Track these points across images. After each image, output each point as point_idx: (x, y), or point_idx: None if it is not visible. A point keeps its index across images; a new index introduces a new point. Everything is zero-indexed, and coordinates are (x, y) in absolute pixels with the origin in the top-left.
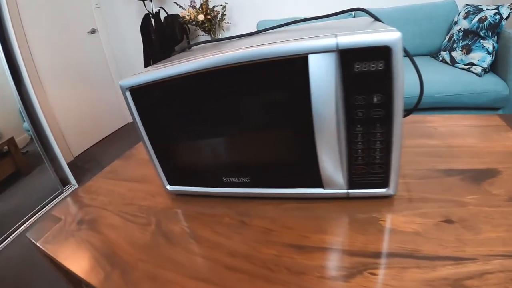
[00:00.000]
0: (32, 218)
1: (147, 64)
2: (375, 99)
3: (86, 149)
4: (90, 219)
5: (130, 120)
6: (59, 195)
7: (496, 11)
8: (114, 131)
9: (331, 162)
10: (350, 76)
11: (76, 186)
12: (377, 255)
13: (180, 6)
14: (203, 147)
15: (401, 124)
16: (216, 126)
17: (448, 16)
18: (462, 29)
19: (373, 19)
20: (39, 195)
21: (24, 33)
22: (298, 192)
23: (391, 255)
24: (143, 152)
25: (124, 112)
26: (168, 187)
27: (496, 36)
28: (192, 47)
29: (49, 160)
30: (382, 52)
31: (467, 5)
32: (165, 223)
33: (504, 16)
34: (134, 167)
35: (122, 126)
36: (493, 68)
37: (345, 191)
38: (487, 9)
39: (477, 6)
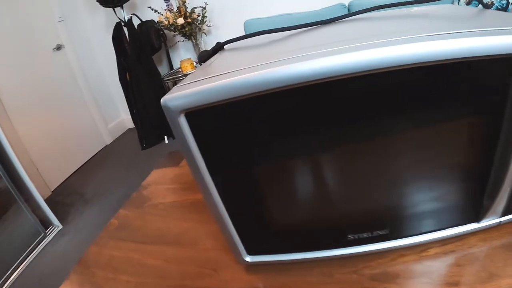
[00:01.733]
0: (16, 272)
1: (122, 78)
2: None
3: (64, 181)
4: None
5: (108, 142)
6: (43, 240)
7: None
8: (92, 157)
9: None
10: None
11: (60, 227)
12: None
13: (156, 11)
14: (318, 194)
15: None
16: (346, 162)
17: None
18: None
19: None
20: (18, 242)
21: None
22: (447, 234)
23: None
24: (162, 191)
25: (101, 134)
26: (248, 258)
27: None
28: (226, 46)
29: (24, 200)
30: None
31: None
32: None
33: None
34: (157, 219)
35: (100, 150)
36: None
37: (497, 220)
38: None
39: None
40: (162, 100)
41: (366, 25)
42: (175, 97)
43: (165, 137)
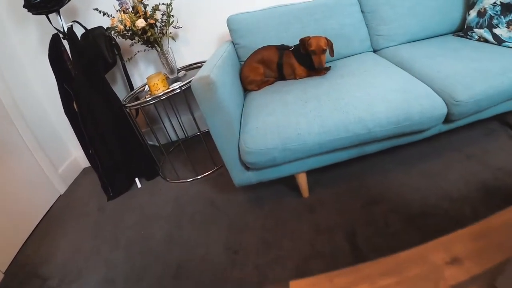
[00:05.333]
0: None
1: (68, 109)
2: None
3: (15, 257)
4: None
5: (62, 190)
6: None
7: None
8: (46, 214)
9: None
10: None
11: None
12: None
13: (105, 14)
14: None
15: None
16: None
17: None
18: (499, 3)
19: None
20: None
21: None
22: None
23: None
24: None
25: (51, 183)
26: None
27: None
28: None
29: None
30: None
31: None
32: None
33: None
34: None
35: (54, 203)
36: None
37: None
38: None
39: None
40: None
41: None
42: None
43: (137, 179)
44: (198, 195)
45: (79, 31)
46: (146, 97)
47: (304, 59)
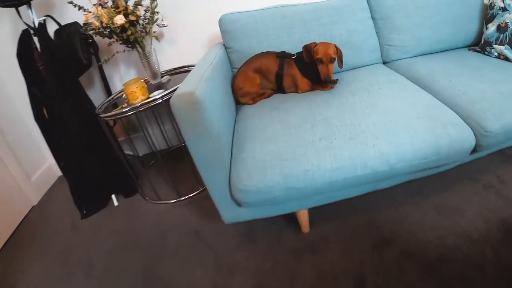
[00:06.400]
0: None
1: (38, 115)
2: None
3: None
4: None
5: (35, 201)
6: None
7: None
8: (16, 229)
9: None
10: None
11: None
12: None
13: (80, 8)
14: None
15: None
16: None
17: None
18: None
19: None
20: None
21: None
22: None
23: None
24: None
25: (23, 193)
26: None
27: None
28: None
29: None
30: None
31: None
32: None
33: None
34: None
35: (26, 216)
36: None
37: None
38: None
39: None
40: None
41: None
42: None
43: (113, 196)
44: (182, 222)
45: (52, 28)
46: (123, 106)
47: (308, 70)
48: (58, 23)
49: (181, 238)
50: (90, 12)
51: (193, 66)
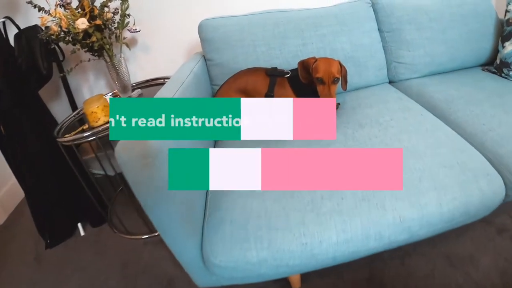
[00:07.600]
0: None
1: None
2: None
3: None
4: None
5: (2, 221)
6: None
7: None
8: None
9: None
10: None
11: None
12: None
13: (41, 9)
14: None
15: None
16: None
17: (487, 10)
18: None
19: None
20: None
21: None
22: None
23: None
24: None
25: None
26: None
27: None
28: None
29: None
30: None
31: None
32: None
33: None
34: None
35: None
36: None
37: None
38: None
39: None
40: None
41: None
42: None
43: (79, 225)
44: (153, 266)
45: (11, 32)
46: (84, 127)
47: (304, 92)
48: (17, 26)
49: (152, 287)
50: (48, 14)
51: (169, 78)
